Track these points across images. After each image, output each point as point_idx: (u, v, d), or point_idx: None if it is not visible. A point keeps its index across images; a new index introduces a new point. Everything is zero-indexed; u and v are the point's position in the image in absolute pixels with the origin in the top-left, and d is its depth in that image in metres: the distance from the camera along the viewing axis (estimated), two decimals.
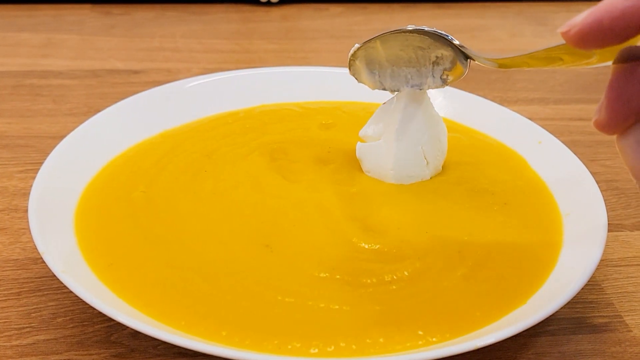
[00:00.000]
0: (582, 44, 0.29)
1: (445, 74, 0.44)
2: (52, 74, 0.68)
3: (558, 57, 0.34)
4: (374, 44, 0.45)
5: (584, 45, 0.29)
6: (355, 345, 0.35)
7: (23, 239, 0.46)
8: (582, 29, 0.28)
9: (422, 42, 0.43)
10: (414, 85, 0.45)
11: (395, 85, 0.46)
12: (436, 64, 0.44)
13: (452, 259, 0.41)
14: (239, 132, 0.52)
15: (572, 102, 0.68)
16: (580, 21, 0.28)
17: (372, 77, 0.46)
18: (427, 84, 0.45)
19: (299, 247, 0.41)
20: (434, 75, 0.45)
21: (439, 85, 0.45)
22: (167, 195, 0.45)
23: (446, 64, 0.44)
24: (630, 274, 0.46)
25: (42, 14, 0.83)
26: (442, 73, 0.44)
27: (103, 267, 0.39)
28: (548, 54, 0.34)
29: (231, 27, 0.83)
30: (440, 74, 0.44)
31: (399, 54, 0.45)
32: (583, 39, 0.29)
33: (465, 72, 0.43)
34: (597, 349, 0.40)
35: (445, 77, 0.44)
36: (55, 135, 0.56)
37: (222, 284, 0.38)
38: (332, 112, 0.56)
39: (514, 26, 0.86)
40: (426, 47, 0.44)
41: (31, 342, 0.39)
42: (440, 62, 0.44)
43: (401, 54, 0.45)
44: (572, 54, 0.32)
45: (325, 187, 0.46)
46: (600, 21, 0.28)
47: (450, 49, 0.43)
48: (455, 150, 0.50)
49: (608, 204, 0.47)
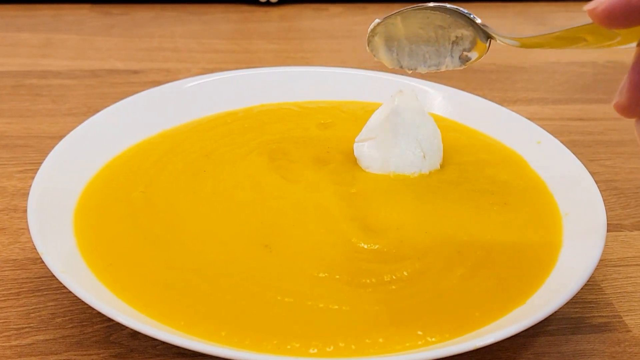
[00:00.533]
0: (608, 22, 0.28)
1: (464, 54, 0.44)
2: (51, 74, 0.68)
3: (582, 38, 0.33)
4: (394, 20, 0.44)
5: (610, 23, 0.28)
6: (355, 346, 0.35)
7: (22, 239, 0.46)
8: (610, 6, 0.28)
9: (443, 20, 0.43)
10: (431, 64, 0.45)
11: (412, 63, 0.45)
12: (455, 44, 0.44)
13: (452, 259, 0.41)
14: (238, 132, 0.52)
15: (572, 102, 0.68)
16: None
17: (389, 54, 0.46)
18: (445, 64, 0.45)
19: (298, 247, 0.41)
20: (452, 55, 0.44)
21: (457, 65, 0.44)
22: (166, 196, 0.45)
23: (465, 45, 0.43)
24: (629, 274, 0.46)
25: (42, 14, 0.83)
26: (461, 53, 0.44)
27: (102, 268, 0.39)
28: (571, 34, 0.33)
29: (230, 27, 0.83)
30: (459, 54, 0.44)
31: (419, 32, 0.44)
32: (610, 16, 0.28)
33: (486, 52, 0.42)
34: (596, 349, 0.40)
35: (465, 57, 0.44)
36: (54, 135, 0.56)
37: (222, 284, 0.38)
38: (330, 111, 0.56)
39: (514, 26, 0.86)
40: (446, 27, 0.43)
41: (30, 342, 0.39)
42: (460, 42, 0.43)
43: (421, 32, 0.44)
44: (596, 34, 0.31)
45: (324, 187, 0.46)
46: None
47: (472, 28, 0.42)
48: (455, 150, 0.50)
49: (607, 204, 0.47)
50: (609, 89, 0.70)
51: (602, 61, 0.75)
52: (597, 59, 0.76)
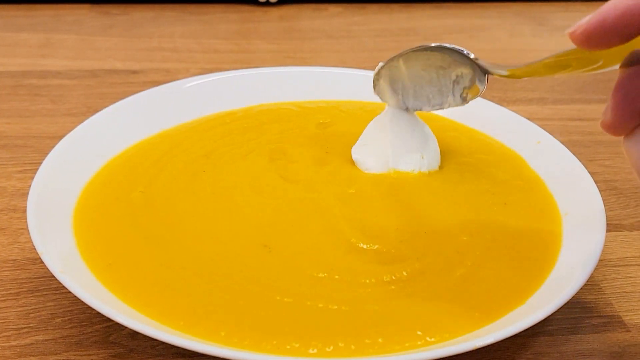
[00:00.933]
0: (587, 44, 0.30)
1: (465, 92, 0.45)
2: (50, 74, 0.68)
3: (567, 64, 0.34)
4: (396, 62, 0.46)
5: (589, 45, 0.30)
6: (354, 346, 0.35)
7: (21, 239, 0.46)
8: (587, 29, 0.29)
9: (443, 61, 0.44)
10: (435, 104, 0.47)
11: (417, 104, 0.48)
12: (456, 83, 0.45)
13: (451, 259, 0.41)
14: (237, 132, 0.52)
15: (571, 102, 0.68)
16: (585, 22, 0.29)
17: (395, 96, 0.48)
18: (447, 103, 0.46)
19: (297, 247, 0.41)
20: (454, 93, 0.45)
21: (459, 103, 0.46)
22: (165, 196, 0.45)
23: (465, 82, 0.45)
24: (629, 274, 0.46)
25: (41, 14, 0.83)
26: (462, 91, 0.45)
27: (102, 268, 0.39)
28: (558, 61, 0.34)
29: (230, 27, 0.83)
30: (460, 92, 0.45)
31: (421, 74, 0.46)
32: (589, 38, 0.29)
33: (483, 89, 0.44)
34: (595, 349, 0.40)
35: (465, 95, 0.45)
36: (54, 136, 0.56)
37: (221, 284, 0.38)
38: (330, 111, 0.56)
39: (513, 26, 0.86)
40: (447, 67, 0.45)
41: (30, 342, 0.39)
42: (460, 80, 0.45)
43: (423, 74, 0.46)
44: (581, 59, 0.32)
45: (323, 187, 0.46)
46: (604, 20, 0.29)
47: (469, 66, 0.44)
48: (454, 150, 0.50)
49: (607, 204, 0.47)
50: (608, 89, 0.69)
51: None
52: None
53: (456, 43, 0.44)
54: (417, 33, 0.82)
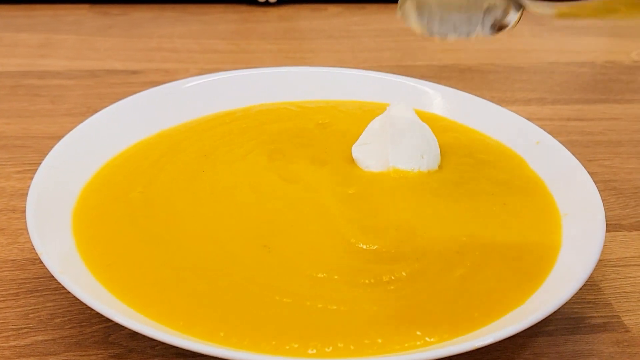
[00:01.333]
0: None
1: (495, 23, 0.43)
2: (50, 74, 0.68)
3: (617, 8, 0.33)
4: None
5: None
6: (354, 346, 0.35)
7: (21, 239, 0.46)
8: None
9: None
10: (462, 32, 0.44)
11: (443, 30, 0.45)
12: (487, 12, 0.43)
13: (451, 259, 0.41)
14: (237, 132, 0.52)
15: (570, 102, 0.68)
16: None
17: (420, 20, 0.45)
18: (475, 32, 0.44)
19: (296, 248, 0.41)
20: (484, 23, 0.44)
21: (487, 34, 0.44)
22: (165, 196, 0.45)
23: (497, 14, 0.43)
24: (628, 274, 0.46)
25: (40, 14, 0.83)
26: (492, 22, 0.44)
27: (101, 268, 0.39)
28: (607, 4, 0.33)
29: (229, 28, 0.83)
30: (490, 23, 0.44)
31: (451, 0, 0.44)
32: None
33: (515, 23, 0.42)
34: (595, 349, 0.40)
35: (496, 25, 0.43)
36: (53, 136, 0.56)
37: (220, 285, 0.38)
38: (329, 111, 0.56)
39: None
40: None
41: (29, 342, 0.39)
42: (492, 10, 0.43)
43: (453, 0, 0.44)
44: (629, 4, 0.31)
45: (323, 187, 0.46)
46: None
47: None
48: (454, 150, 0.50)
49: (606, 204, 0.47)
50: (608, 89, 0.70)
51: (601, 61, 0.75)
52: (595, 59, 0.76)
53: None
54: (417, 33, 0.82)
